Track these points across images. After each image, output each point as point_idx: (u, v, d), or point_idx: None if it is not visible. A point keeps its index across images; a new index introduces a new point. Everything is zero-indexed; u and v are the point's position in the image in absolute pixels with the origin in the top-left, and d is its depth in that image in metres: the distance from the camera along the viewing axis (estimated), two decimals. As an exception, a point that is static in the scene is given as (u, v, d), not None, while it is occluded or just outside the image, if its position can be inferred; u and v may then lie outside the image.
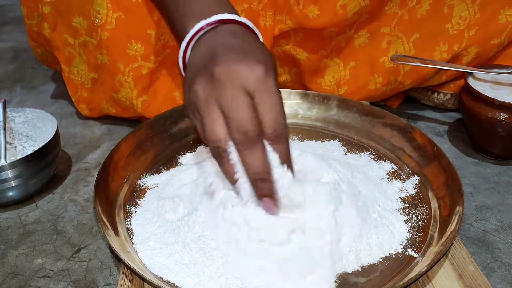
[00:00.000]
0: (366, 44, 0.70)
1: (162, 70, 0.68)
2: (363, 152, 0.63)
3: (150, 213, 0.52)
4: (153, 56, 0.65)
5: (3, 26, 1.21)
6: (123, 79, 0.65)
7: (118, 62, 0.64)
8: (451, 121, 0.74)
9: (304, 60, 0.70)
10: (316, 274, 0.43)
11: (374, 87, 0.70)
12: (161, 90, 0.68)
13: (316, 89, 0.71)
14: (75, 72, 0.71)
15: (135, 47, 0.64)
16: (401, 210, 0.53)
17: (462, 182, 0.52)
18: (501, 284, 0.46)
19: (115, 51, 0.64)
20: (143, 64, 0.65)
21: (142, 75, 0.65)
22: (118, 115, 0.72)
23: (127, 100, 0.67)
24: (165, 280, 0.44)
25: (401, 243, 0.48)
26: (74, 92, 0.73)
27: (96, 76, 0.69)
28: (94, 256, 0.50)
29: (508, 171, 0.62)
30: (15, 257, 0.50)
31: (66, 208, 0.57)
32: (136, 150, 0.60)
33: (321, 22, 0.65)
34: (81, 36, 0.66)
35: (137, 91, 0.66)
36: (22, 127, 0.63)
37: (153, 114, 0.66)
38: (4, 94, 0.86)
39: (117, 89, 0.66)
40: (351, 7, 0.64)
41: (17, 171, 0.54)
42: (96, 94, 0.71)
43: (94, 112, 0.74)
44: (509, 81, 0.63)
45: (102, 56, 0.65)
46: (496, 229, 0.53)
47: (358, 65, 0.70)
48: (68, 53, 0.69)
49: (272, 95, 0.43)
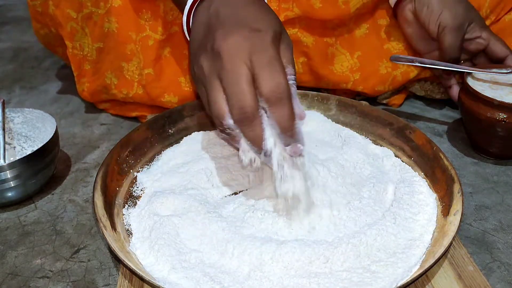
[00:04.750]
0: (366, 34, 0.72)
1: (168, 47, 0.68)
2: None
3: (149, 213, 0.52)
4: (160, 28, 0.65)
5: (2, 26, 1.20)
6: (135, 48, 0.65)
7: (130, 31, 0.64)
8: (450, 121, 0.74)
9: (312, 44, 0.71)
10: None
11: (385, 71, 0.72)
12: (167, 70, 0.68)
13: (329, 75, 0.72)
14: (78, 47, 0.71)
15: (145, 16, 0.64)
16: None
17: (461, 182, 0.52)
18: (500, 284, 0.46)
19: (127, 19, 0.64)
20: (150, 34, 0.65)
21: (149, 46, 0.65)
22: (115, 94, 0.70)
23: (137, 70, 0.67)
24: (164, 280, 0.44)
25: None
26: (77, 66, 0.73)
27: (102, 45, 0.68)
28: (93, 256, 0.50)
29: (507, 171, 0.62)
30: (14, 258, 0.50)
31: (65, 209, 0.57)
32: (135, 150, 0.60)
33: (325, 13, 0.67)
34: (85, 8, 0.66)
35: (144, 62, 0.66)
36: (21, 127, 0.63)
37: (156, 93, 0.67)
38: (3, 94, 0.86)
39: (129, 58, 0.66)
40: (353, 3, 0.67)
41: (16, 172, 0.54)
42: (102, 63, 0.70)
43: (93, 85, 0.72)
44: (508, 81, 0.63)
45: (110, 24, 0.64)
46: (495, 229, 0.53)
47: (364, 53, 0.72)
48: (71, 28, 0.69)
49: (271, 62, 0.42)
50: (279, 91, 0.41)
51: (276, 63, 0.42)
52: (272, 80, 0.41)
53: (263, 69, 0.41)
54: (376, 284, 0.43)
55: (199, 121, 0.66)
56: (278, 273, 0.43)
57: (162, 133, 0.64)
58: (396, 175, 0.57)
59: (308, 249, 0.44)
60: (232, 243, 0.46)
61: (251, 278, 0.43)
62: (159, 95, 0.68)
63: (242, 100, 0.41)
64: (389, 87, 0.73)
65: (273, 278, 0.43)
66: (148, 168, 0.60)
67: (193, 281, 0.43)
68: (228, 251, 0.45)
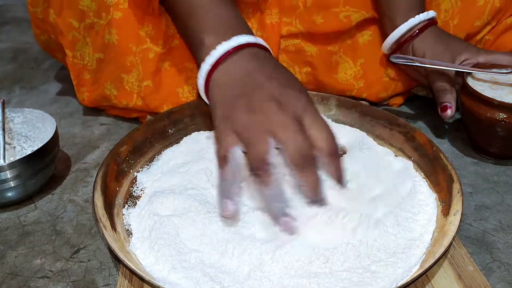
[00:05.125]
0: (370, 41, 0.72)
1: (168, 60, 0.68)
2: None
3: (149, 213, 0.52)
4: (161, 41, 0.65)
5: (2, 26, 1.20)
6: (135, 60, 0.65)
7: (130, 43, 0.64)
8: (450, 121, 0.74)
9: (316, 53, 0.71)
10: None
11: (388, 78, 0.73)
12: (165, 81, 0.68)
13: (333, 84, 0.73)
14: (78, 56, 0.71)
15: (146, 29, 0.64)
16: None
17: (461, 182, 0.52)
18: (500, 284, 0.46)
19: (128, 31, 0.64)
20: (151, 47, 0.65)
21: (149, 59, 0.65)
22: (116, 104, 0.70)
23: (136, 82, 0.67)
24: (164, 280, 0.44)
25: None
26: (76, 75, 0.73)
27: (102, 56, 0.68)
28: (93, 256, 0.50)
29: (507, 171, 0.62)
30: (14, 258, 0.50)
31: (65, 209, 0.57)
32: (135, 151, 0.60)
33: (326, 28, 0.69)
34: (87, 18, 0.66)
35: (143, 74, 0.66)
36: (21, 127, 0.63)
37: (154, 105, 0.67)
38: (3, 94, 0.86)
39: (129, 69, 0.66)
40: (355, 17, 0.68)
41: (16, 172, 0.54)
42: (101, 73, 0.70)
43: (92, 95, 0.72)
44: (508, 81, 0.63)
45: (111, 36, 0.64)
46: (495, 229, 0.53)
47: (367, 61, 0.73)
48: (72, 37, 0.69)
49: (320, 119, 0.48)
50: (333, 145, 0.47)
51: (322, 120, 0.48)
52: (324, 133, 0.47)
53: (313, 125, 0.47)
54: (376, 284, 0.43)
55: (199, 121, 0.66)
56: (278, 273, 0.43)
57: (162, 133, 0.64)
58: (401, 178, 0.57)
59: (308, 249, 0.44)
60: (232, 243, 0.46)
61: (251, 278, 0.43)
62: (158, 107, 0.68)
63: (303, 143, 0.45)
64: (392, 93, 0.75)
65: (273, 278, 0.43)
66: (148, 168, 0.60)
67: (193, 281, 0.43)
68: (228, 251, 0.45)
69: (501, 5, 0.69)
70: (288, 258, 0.44)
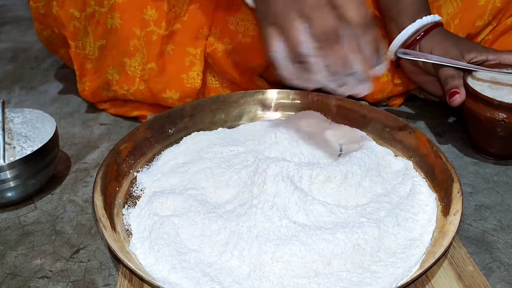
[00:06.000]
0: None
1: (171, 44, 0.68)
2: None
3: (148, 213, 0.52)
4: (164, 23, 0.66)
5: (2, 26, 1.20)
6: (139, 44, 0.66)
7: (134, 26, 0.65)
8: (450, 121, 0.74)
9: None
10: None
11: (386, 79, 0.73)
12: (169, 66, 0.68)
13: None
14: (80, 46, 0.71)
15: (149, 12, 0.65)
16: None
17: (461, 182, 0.52)
18: (500, 284, 0.46)
19: (131, 14, 0.65)
20: (154, 30, 0.66)
21: (153, 41, 0.66)
22: (116, 90, 0.70)
23: (139, 66, 0.67)
24: (164, 280, 0.44)
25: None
26: (79, 66, 0.73)
27: (104, 43, 0.69)
28: (93, 256, 0.50)
29: (507, 171, 0.62)
30: (14, 258, 0.50)
31: (65, 209, 0.57)
32: (135, 150, 0.60)
33: None
34: (88, 7, 0.67)
35: (147, 56, 0.67)
36: (21, 127, 0.63)
37: (157, 88, 0.68)
38: (3, 94, 0.86)
39: (132, 53, 0.67)
40: None
41: (16, 172, 0.54)
42: (104, 60, 0.70)
43: (94, 84, 0.72)
44: (508, 81, 0.63)
45: (113, 20, 0.65)
46: (495, 229, 0.53)
47: None
48: (73, 27, 0.70)
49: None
50: (367, 17, 0.43)
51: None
52: (354, 3, 0.43)
53: (347, 2, 0.43)
54: (376, 284, 0.43)
55: (199, 121, 0.66)
56: (278, 273, 0.43)
57: (162, 133, 0.64)
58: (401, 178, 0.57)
59: (308, 249, 0.44)
60: (232, 243, 0.46)
61: (251, 278, 0.43)
62: (161, 91, 0.68)
63: (326, 20, 0.43)
64: (388, 95, 0.75)
65: (273, 278, 0.43)
66: (148, 168, 0.60)
67: (193, 281, 0.43)
68: (228, 251, 0.45)
69: (501, 5, 0.69)
70: (288, 258, 0.44)
